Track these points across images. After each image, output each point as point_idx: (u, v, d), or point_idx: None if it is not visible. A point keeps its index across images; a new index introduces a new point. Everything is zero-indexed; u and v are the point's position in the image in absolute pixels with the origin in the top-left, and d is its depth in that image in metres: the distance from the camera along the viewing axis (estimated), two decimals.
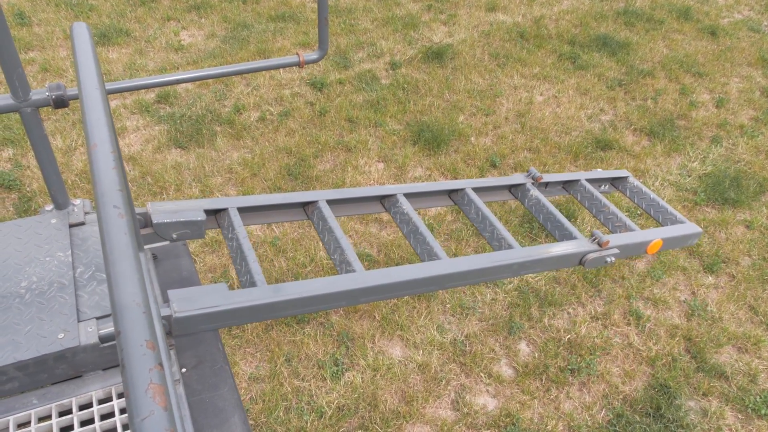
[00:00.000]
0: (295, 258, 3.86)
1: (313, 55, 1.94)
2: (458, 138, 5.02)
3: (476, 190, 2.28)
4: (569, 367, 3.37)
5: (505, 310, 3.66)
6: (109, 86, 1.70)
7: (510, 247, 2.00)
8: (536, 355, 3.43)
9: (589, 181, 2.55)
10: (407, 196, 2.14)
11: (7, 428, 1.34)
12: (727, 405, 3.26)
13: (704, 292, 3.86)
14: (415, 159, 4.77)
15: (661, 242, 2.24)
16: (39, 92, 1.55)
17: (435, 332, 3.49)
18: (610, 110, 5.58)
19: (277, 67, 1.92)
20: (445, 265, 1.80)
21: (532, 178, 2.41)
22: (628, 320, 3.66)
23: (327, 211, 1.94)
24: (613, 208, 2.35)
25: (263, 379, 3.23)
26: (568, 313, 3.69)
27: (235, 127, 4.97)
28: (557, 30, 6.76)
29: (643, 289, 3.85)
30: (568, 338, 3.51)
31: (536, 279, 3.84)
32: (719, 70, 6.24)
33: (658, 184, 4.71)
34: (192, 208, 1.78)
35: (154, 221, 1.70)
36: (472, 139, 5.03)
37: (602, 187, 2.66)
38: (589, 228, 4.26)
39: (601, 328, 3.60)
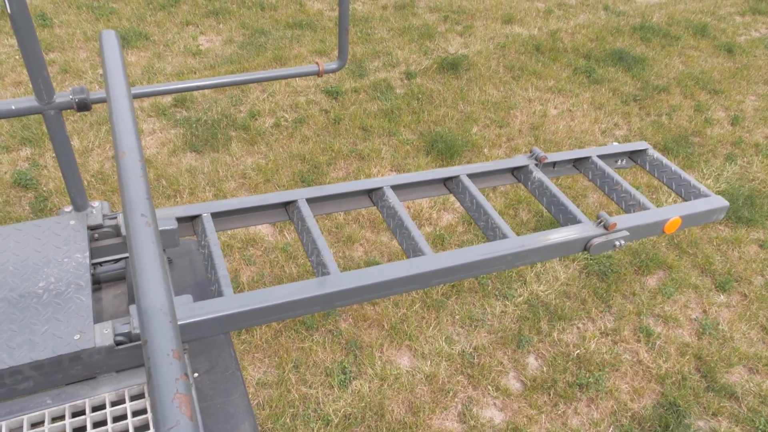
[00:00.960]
0: (306, 264, 3.88)
1: (333, 65, 1.94)
2: (471, 149, 5.03)
3: (473, 176, 2.16)
4: (578, 382, 3.35)
5: (514, 323, 3.65)
6: (133, 91, 1.72)
7: (504, 236, 1.87)
8: (545, 369, 3.42)
9: (603, 156, 2.38)
10: (397, 187, 2.02)
11: (21, 427, 1.36)
12: (736, 426, 3.23)
13: (716, 311, 3.84)
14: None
15: (679, 220, 2.05)
16: (63, 95, 1.58)
17: (443, 343, 3.49)
18: (624, 125, 5.56)
19: (296, 76, 1.93)
20: (428, 262, 1.70)
21: (536, 159, 2.24)
22: (638, 337, 3.64)
23: (306, 210, 1.85)
24: (626, 185, 2.16)
25: (271, 385, 3.24)
26: (578, 327, 3.67)
27: (250, 132, 5.00)
28: (573, 44, 6.77)
29: (654, 305, 3.82)
30: (577, 353, 3.49)
31: (546, 293, 3.83)
32: (735, 88, 6.22)
33: (671, 200, 4.69)
34: (163, 217, 1.71)
35: (124, 232, 1.67)
36: (486, 150, 5.04)
37: (619, 162, 2.47)
38: None
39: (611, 344, 3.58)
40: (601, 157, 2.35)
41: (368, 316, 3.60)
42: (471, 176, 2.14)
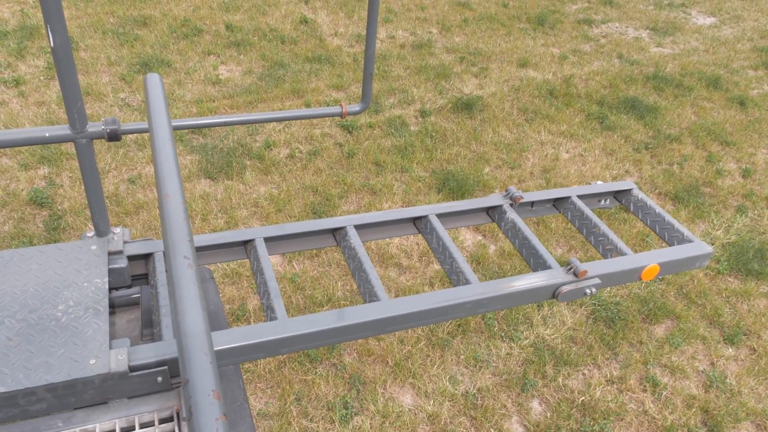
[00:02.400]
0: (313, 296, 3.89)
1: (356, 107, 1.99)
2: (482, 189, 5.07)
3: (445, 215, 2.11)
4: (582, 430, 3.31)
5: (519, 366, 3.63)
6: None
7: (467, 282, 1.82)
8: (548, 414, 3.39)
9: (585, 196, 2.30)
10: (362, 227, 1.97)
11: None
12: None
13: (723, 364, 3.80)
14: None
15: (657, 267, 1.97)
16: (95, 125, 1.63)
17: (447, 383, 3.47)
18: (635, 172, 5.60)
19: (321, 116, 1.98)
20: (382, 308, 1.66)
21: (511, 199, 2.20)
22: (645, 386, 3.60)
23: (261, 249, 1.83)
24: (604, 228, 2.09)
25: (272, 417, 3.22)
26: (584, 374, 3.64)
27: (265, 162, 5.07)
28: (586, 90, 6.86)
29: (661, 355, 3.80)
30: (582, 400, 3.46)
31: (553, 337, 3.81)
32: (747, 140, 6.26)
33: None
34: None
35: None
36: (496, 191, 5.08)
37: (602, 202, 2.40)
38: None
39: (617, 393, 3.54)
40: (582, 196, 2.29)
41: (373, 351, 3.59)
42: (442, 215, 2.10)
